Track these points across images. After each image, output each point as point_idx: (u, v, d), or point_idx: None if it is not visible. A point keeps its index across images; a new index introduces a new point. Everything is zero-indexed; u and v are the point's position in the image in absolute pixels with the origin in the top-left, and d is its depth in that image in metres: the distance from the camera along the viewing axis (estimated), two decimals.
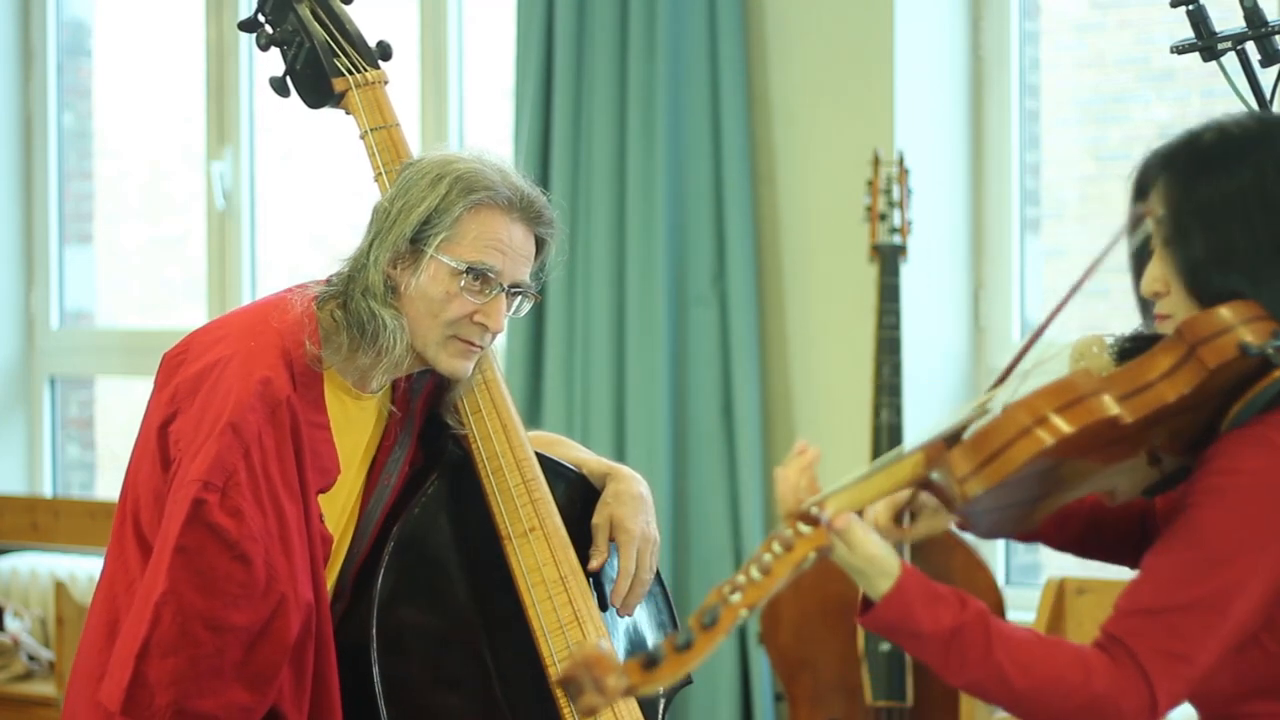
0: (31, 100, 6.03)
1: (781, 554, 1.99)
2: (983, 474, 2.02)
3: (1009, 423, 2.02)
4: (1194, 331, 2.08)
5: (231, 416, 2.48)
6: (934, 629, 2.06)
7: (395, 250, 2.55)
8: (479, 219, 2.56)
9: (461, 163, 2.58)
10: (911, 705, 4.20)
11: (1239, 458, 2.08)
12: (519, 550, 2.69)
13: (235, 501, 2.47)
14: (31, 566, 5.69)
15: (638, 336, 4.64)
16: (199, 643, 2.46)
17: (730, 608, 1.94)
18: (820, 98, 4.62)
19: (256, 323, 2.59)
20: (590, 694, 1.86)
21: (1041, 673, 2.05)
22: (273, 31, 2.86)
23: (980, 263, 4.66)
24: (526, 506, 2.71)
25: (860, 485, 2.07)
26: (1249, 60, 2.68)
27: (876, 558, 2.06)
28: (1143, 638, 2.05)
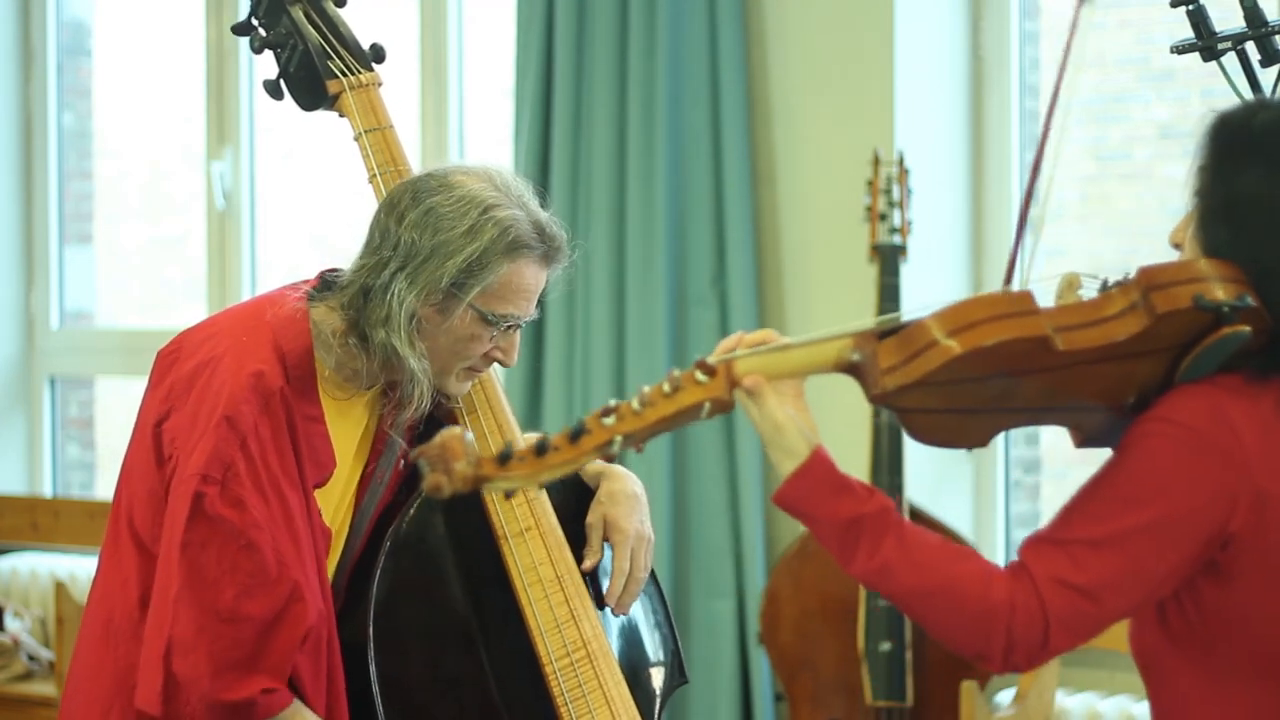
0: (31, 100, 6.03)
1: (669, 393, 1.99)
2: (904, 369, 2.03)
3: (939, 322, 2.03)
4: (1150, 278, 2.09)
5: (226, 409, 2.49)
6: (830, 516, 2.06)
7: (427, 292, 2.54)
8: (515, 272, 2.57)
9: (497, 206, 2.56)
10: (911, 705, 4.20)
11: (1177, 410, 2.08)
12: (515, 549, 2.70)
13: (236, 492, 2.48)
14: (31, 566, 5.69)
15: (638, 336, 4.64)
16: (218, 636, 2.47)
17: (601, 428, 1.95)
18: (820, 98, 4.62)
19: (248, 319, 2.60)
20: (439, 474, 1.90)
21: (937, 576, 2.05)
22: (266, 34, 2.86)
23: (980, 263, 4.66)
24: (522, 506, 2.71)
25: (779, 354, 2.06)
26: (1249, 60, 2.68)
27: (783, 429, 2.06)
28: (1045, 564, 2.05)
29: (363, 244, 2.62)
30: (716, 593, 4.57)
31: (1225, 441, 2.06)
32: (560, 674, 2.67)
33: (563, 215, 4.72)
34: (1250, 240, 2.12)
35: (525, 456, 1.92)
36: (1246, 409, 2.08)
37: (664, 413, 1.98)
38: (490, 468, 1.91)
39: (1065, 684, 4.29)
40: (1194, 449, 2.06)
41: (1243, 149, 2.14)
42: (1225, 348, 2.08)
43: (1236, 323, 2.07)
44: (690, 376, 2.01)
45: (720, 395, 2.01)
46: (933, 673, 4.19)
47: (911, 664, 4.19)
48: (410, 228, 2.55)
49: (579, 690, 2.68)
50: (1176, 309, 2.06)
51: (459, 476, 1.90)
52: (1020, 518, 4.73)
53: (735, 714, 4.54)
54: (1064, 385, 2.09)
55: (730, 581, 4.56)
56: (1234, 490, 2.06)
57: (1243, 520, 2.06)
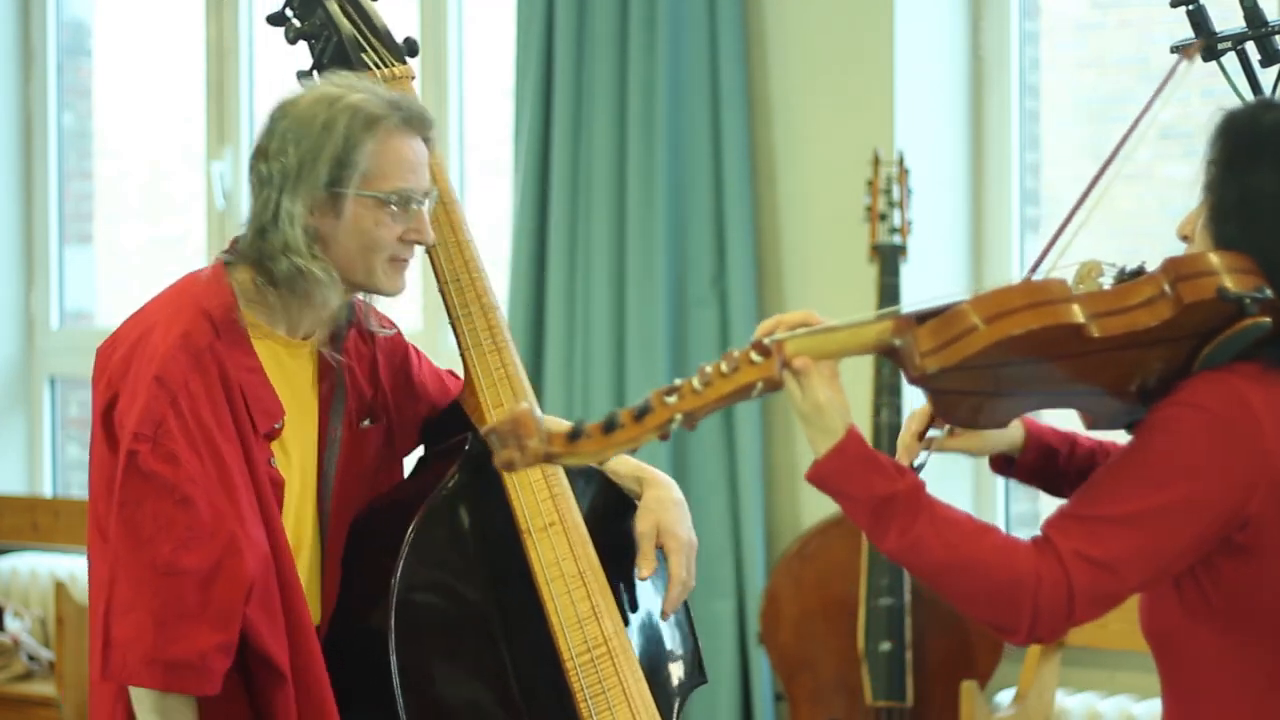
0: (31, 100, 6.03)
1: (727, 373, 2.05)
2: (943, 353, 2.09)
3: (978, 308, 2.10)
4: (1178, 268, 2.15)
5: (156, 369, 2.51)
6: (865, 493, 2.12)
7: (311, 200, 2.57)
8: (386, 147, 2.59)
9: (341, 97, 2.59)
10: (911, 705, 4.20)
11: (1199, 394, 2.14)
12: (538, 545, 2.70)
13: (168, 447, 2.49)
14: (31, 566, 5.69)
15: (638, 336, 4.64)
16: (156, 591, 2.47)
17: (665, 406, 2.02)
18: (820, 98, 4.62)
19: (170, 295, 2.63)
20: (511, 450, 1.96)
21: (965, 550, 2.11)
22: (301, 25, 2.87)
23: (980, 263, 4.66)
24: (546, 501, 2.72)
25: (825, 335, 2.12)
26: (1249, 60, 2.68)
27: (824, 409, 2.11)
28: (1069, 538, 2.12)
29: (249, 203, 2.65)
30: (716, 593, 4.57)
31: (1247, 426, 2.13)
32: (580, 670, 2.68)
33: (563, 215, 4.75)
34: (1260, 236, 2.18)
35: (593, 433, 2.00)
36: (1265, 395, 2.15)
37: (723, 391, 2.05)
38: (561, 444, 1.98)
39: (1065, 684, 4.29)
40: (1217, 433, 2.13)
41: (1252, 148, 2.21)
42: (1245, 338, 2.15)
43: (1257, 314, 2.14)
44: (746, 356, 2.07)
45: (773, 375, 2.08)
46: (933, 673, 4.19)
47: (911, 664, 4.19)
48: (275, 155, 2.58)
49: (599, 686, 2.69)
50: (1201, 299, 2.13)
51: (531, 452, 1.96)
52: (1020, 517, 4.73)
53: (735, 714, 4.54)
54: (1090, 370, 2.16)
55: (730, 581, 4.56)
56: (1254, 474, 2.13)
57: (1261, 503, 2.14)
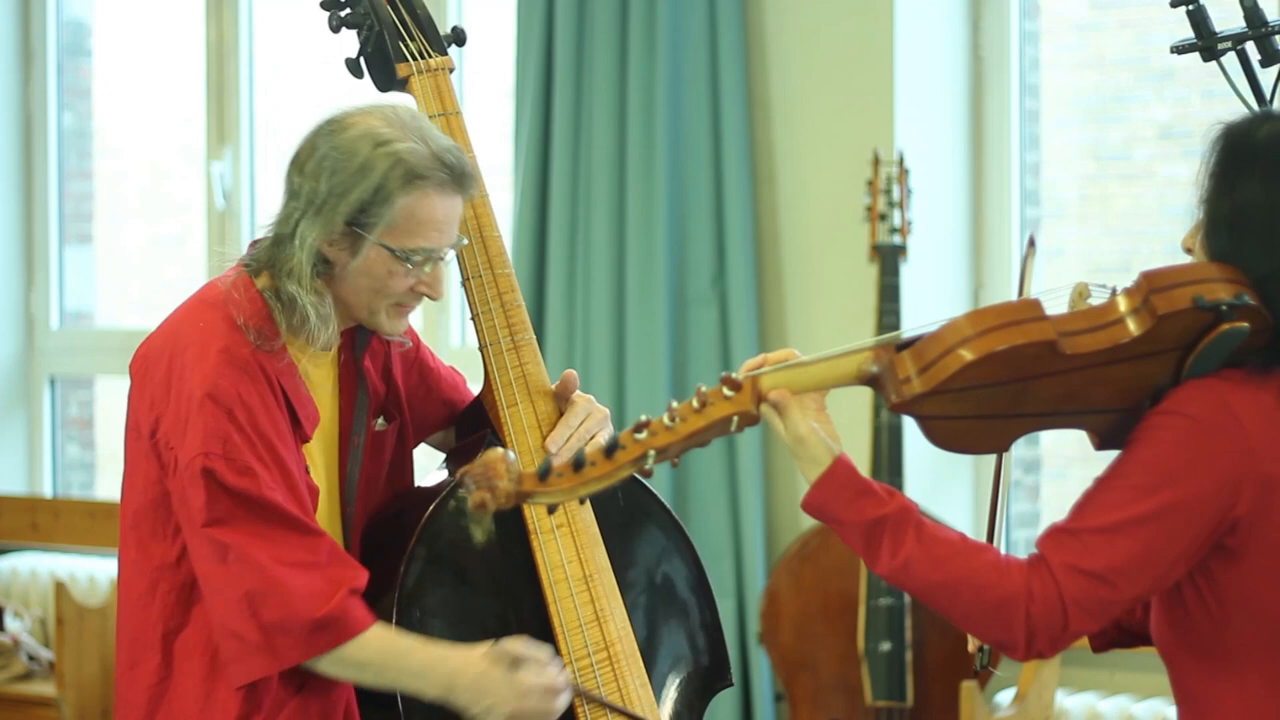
0: (31, 100, 6.03)
1: (698, 409, 2.10)
2: (922, 377, 2.13)
3: (952, 331, 2.13)
4: (1152, 281, 2.17)
5: (205, 388, 2.50)
6: (855, 518, 2.15)
7: (329, 233, 2.54)
8: (418, 205, 2.55)
9: (389, 141, 2.54)
10: (911, 705, 4.20)
11: (1182, 402, 2.16)
12: (544, 546, 2.70)
13: (241, 460, 2.48)
14: (31, 566, 5.69)
15: (638, 336, 4.64)
16: (284, 579, 2.48)
17: (635, 443, 2.07)
18: (820, 98, 4.62)
19: (197, 307, 2.62)
20: (482, 491, 2.01)
21: (956, 569, 2.14)
22: (348, 13, 2.87)
23: (980, 263, 4.66)
24: None
25: (802, 368, 2.17)
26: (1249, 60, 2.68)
27: (807, 440, 2.16)
28: (1060, 552, 2.14)
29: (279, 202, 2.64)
30: (717, 593, 4.52)
31: (1229, 429, 2.14)
32: (579, 674, 2.67)
33: (563, 214, 4.75)
34: (1251, 247, 2.19)
35: (564, 472, 2.04)
36: (1249, 399, 2.16)
37: (694, 426, 2.10)
38: (531, 483, 2.02)
39: (1065, 684, 4.29)
40: (1199, 437, 2.14)
41: (1246, 159, 2.21)
42: (1226, 344, 2.16)
43: (1235, 320, 2.15)
44: (718, 392, 2.12)
45: (747, 409, 2.12)
46: (933, 673, 4.19)
47: (911, 664, 4.19)
48: (309, 176, 2.57)
49: (597, 692, 2.67)
50: (1177, 309, 2.14)
51: (502, 493, 2.01)
52: (1020, 517, 4.73)
53: (735, 714, 4.54)
54: (1077, 388, 2.17)
55: (730, 581, 4.56)
56: (1239, 476, 2.14)
57: (1249, 504, 2.14)
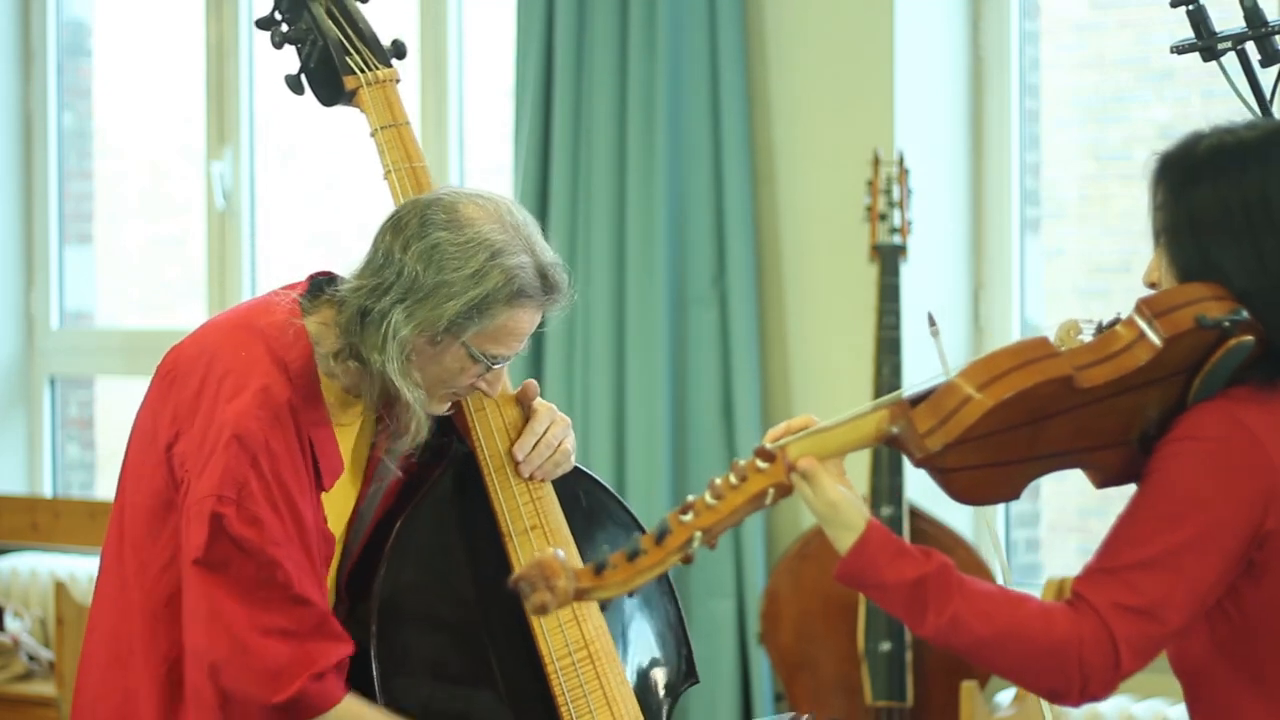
0: (31, 100, 6.03)
1: (737, 484, 2.10)
2: (943, 429, 2.12)
3: (968, 379, 2.13)
4: (1153, 306, 2.17)
5: (234, 428, 2.48)
6: (896, 580, 2.13)
7: (422, 328, 2.51)
8: (513, 318, 2.57)
9: (504, 253, 2.53)
10: (911, 705, 4.20)
11: (1200, 426, 2.17)
12: (519, 548, 2.69)
13: (251, 510, 2.47)
14: (31, 566, 5.69)
15: (638, 336, 4.64)
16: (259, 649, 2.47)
17: (682, 526, 2.08)
18: (820, 98, 4.62)
19: (242, 331, 2.57)
20: (542, 593, 1.99)
21: (1003, 621, 2.13)
22: (287, 29, 2.87)
23: (980, 263, 4.66)
24: (528, 504, 2.71)
25: (825, 434, 2.16)
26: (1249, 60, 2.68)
27: (839, 506, 2.14)
28: (1103, 593, 2.13)
29: (363, 259, 2.58)
30: (716, 593, 4.57)
31: (1248, 447, 2.15)
32: (561, 673, 2.67)
33: (563, 215, 4.75)
34: (1217, 254, 2.21)
35: (619, 564, 2.05)
36: (1261, 415, 2.17)
37: (736, 503, 2.10)
38: (588, 579, 2.03)
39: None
40: (1219, 458, 2.15)
41: (1190, 173, 2.24)
42: (1231, 360, 2.17)
43: (1238, 335, 2.16)
44: (752, 465, 2.12)
45: (781, 480, 2.12)
46: (933, 673, 4.19)
47: (911, 664, 4.19)
48: (415, 258, 2.52)
49: (580, 690, 2.68)
50: (1181, 331, 2.15)
51: (562, 592, 2.00)
52: (1020, 517, 4.73)
53: (735, 714, 4.54)
54: (1089, 423, 2.17)
55: (730, 581, 4.56)
56: (1264, 490, 2.14)
57: (1276, 517, 2.15)
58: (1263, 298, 2.18)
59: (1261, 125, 2.28)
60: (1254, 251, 2.19)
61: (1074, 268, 4.77)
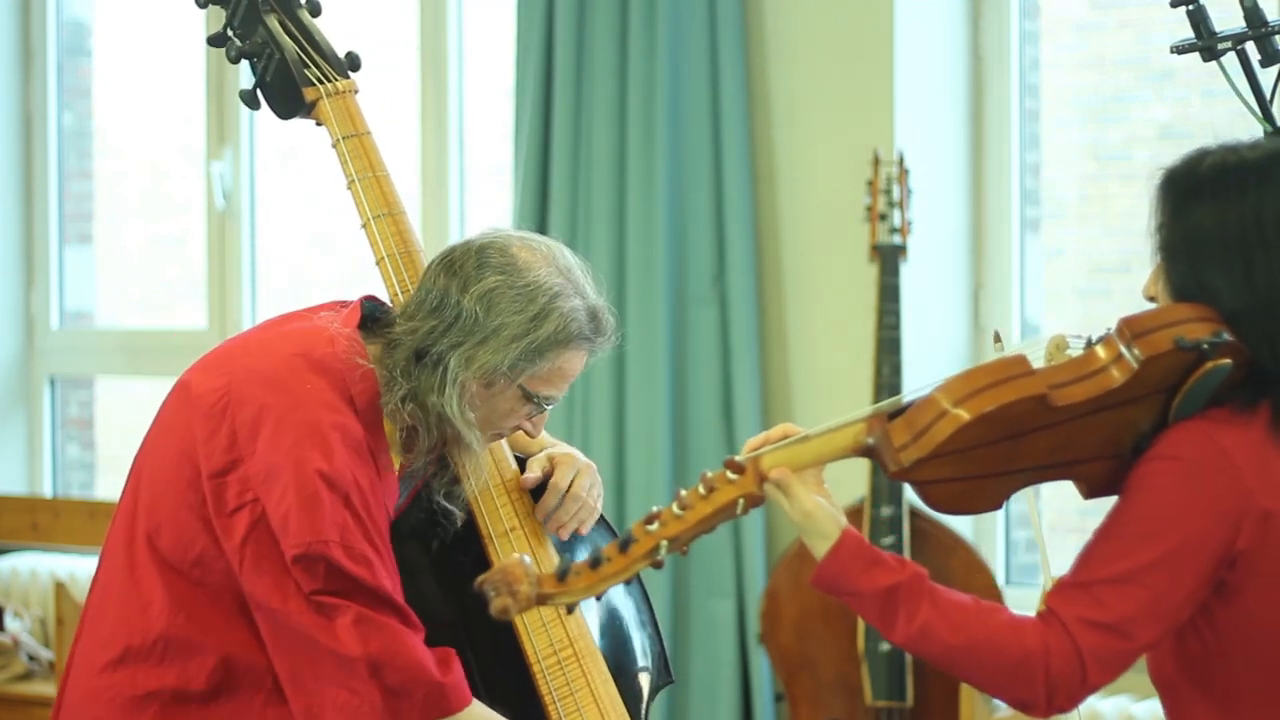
0: (31, 100, 6.03)
1: (705, 495, 2.13)
2: (917, 444, 2.14)
3: (943, 396, 2.14)
4: (1133, 326, 2.18)
5: (321, 468, 2.45)
6: (869, 588, 2.16)
7: (480, 371, 2.52)
8: (566, 361, 2.58)
9: (561, 296, 2.54)
10: (911, 705, 4.20)
11: (1173, 445, 2.18)
12: (499, 550, 2.69)
13: (359, 549, 2.46)
14: (31, 566, 5.69)
15: (638, 336, 4.64)
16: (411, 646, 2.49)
17: (648, 535, 2.09)
18: (820, 98, 4.62)
19: (302, 362, 2.53)
20: (504, 597, 2.03)
21: (973, 631, 2.15)
22: (242, 44, 2.88)
23: (980, 263, 4.66)
24: (506, 507, 2.71)
25: (800, 446, 2.19)
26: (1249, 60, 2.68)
27: (813, 515, 2.17)
28: (1071, 606, 2.16)
29: (415, 299, 2.57)
30: (716, 593, 4.57)
31: (1223, 468, 2.16)
32: (548, 672, 2.67)
33: (563, 214, 4.75)
34: (1210, 271, 2.21)
35: (581, 570, 2.06)
36: (1238, 436, 2.18)
37: (703, 513, 2.12)
38: (551, 585, 2.05)
39: None
40: (1193, 478, 2.16)
41: (1193, 191, 2.24)
42: (1210, 382, 2.18)
43: (1216, 358, 2.17)
44: (722, 476, 2.15)
45: (751, 490, 2.15)
46: (933, 673, 4.19)
47: (911, 664, 4.19)
48: (474, 300, 2.52)
49: (566, 689, 2.68)
50: (1159, 353, 2.16)
51: (523, 597, 2.03)
52: (1020, 517, 4.73)
53: (735, 714, 4.54)
54: (1067, 440, 2.19)
55: (730, 581, 4.56)
56: (1237, 511, 2.15)
57: (1248, 538, 2.16)
58: (1250, 318, 2.18)
59: (1264, 145, 2.27)
60: (1244, 271, 2.19)
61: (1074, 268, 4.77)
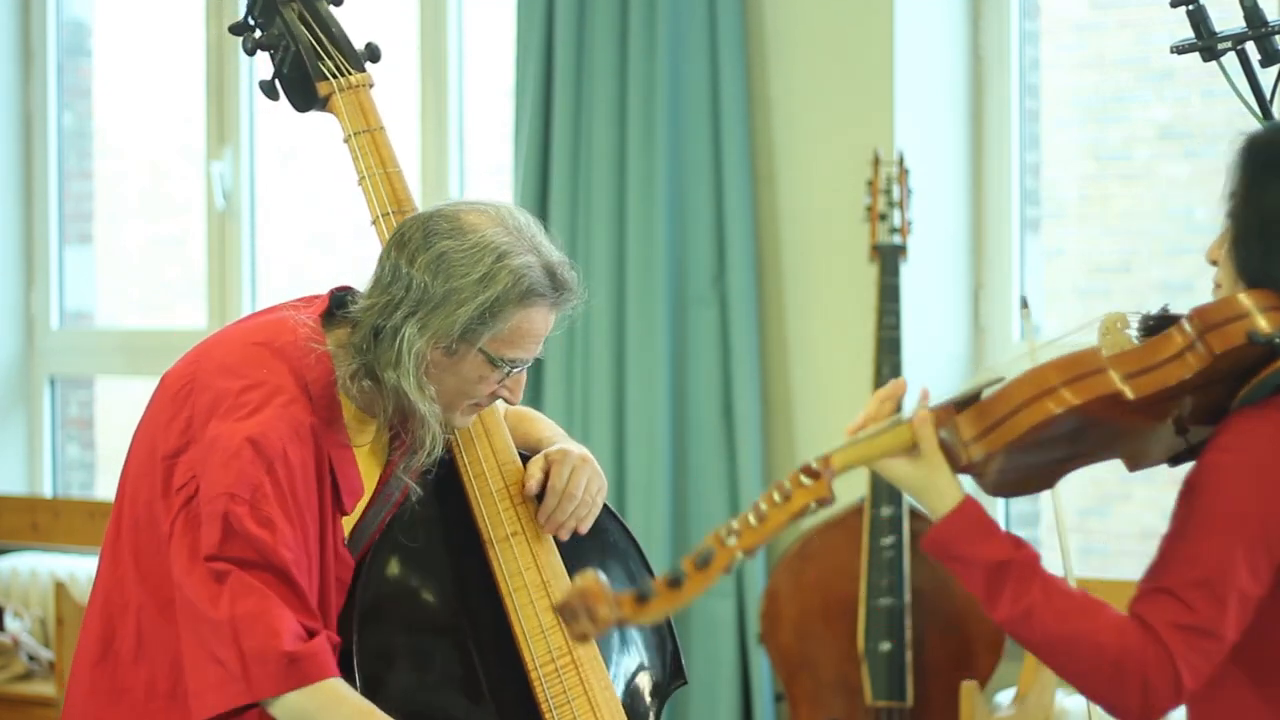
0: (31, 100, 6.03)
1: (780, 503, 2.08)
2: (988, 438, 2.12)
3: (1017, 391, 2.12)
4: (1205, 318, 2.16)
5: (251, 433, 2.46)
6: (982, 558, 2.14)
7: (436, 338, 2.51)
8: (526, 319, 2.55)
9: (510, 254, 2.53)
10: (911, 705, 4.20)
11: (1238, 437, 2.16)
12: (500, 554, 2.68)
13: (265, 511, 2.45)
14: (31, 566, 5.69)
15: (638, 336, 4.64)
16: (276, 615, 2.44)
17: (725, 550, 2.05)
18: (820, 98, 4.62)
19: (263, 350, 2.55)
20: (583, 621, 1.98)
21: (1078, 624, 2.14)
22: (260, 35, 2.85)
23: (980, 263, 4.66)
24: (509, 510, 2.70)
25: (867, 442, 2.16)
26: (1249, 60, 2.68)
27: (941, 469, 2.14)
28: (1160, 611, 2.13)
29: (371, 279, 2.57)
30: (716, 593, 4.57)
31: None
32: (545, 680, 2.66)
33: (563, 214, 4.75)
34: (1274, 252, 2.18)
35: (661, 590, 2.02)
36: None
37: (779, 521, 2.09)
38: (630, 608, 2.00)
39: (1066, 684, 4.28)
40: (1262, 472, 2.14)
41: (1269, 169, 2.20)
42: None
43: None
44: (796, 481, 2.10)
45: (824, 494, 2.11)
46: (933, 673, 4.19)
47: (911, 664, 4.19)
48: (422, 270, 2.51)
49: (563, 696, 2.66)
50: (1232, 346, 2.14)
51: (603, 621, 1.99)
52: (1021, 517, 4.73)
53: (735, 714, 4.54)
54: (1130, 425, 2.19)
55: (730, 581, 4.56)
56: None
57: None
58: None
59: None
60: None
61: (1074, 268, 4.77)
